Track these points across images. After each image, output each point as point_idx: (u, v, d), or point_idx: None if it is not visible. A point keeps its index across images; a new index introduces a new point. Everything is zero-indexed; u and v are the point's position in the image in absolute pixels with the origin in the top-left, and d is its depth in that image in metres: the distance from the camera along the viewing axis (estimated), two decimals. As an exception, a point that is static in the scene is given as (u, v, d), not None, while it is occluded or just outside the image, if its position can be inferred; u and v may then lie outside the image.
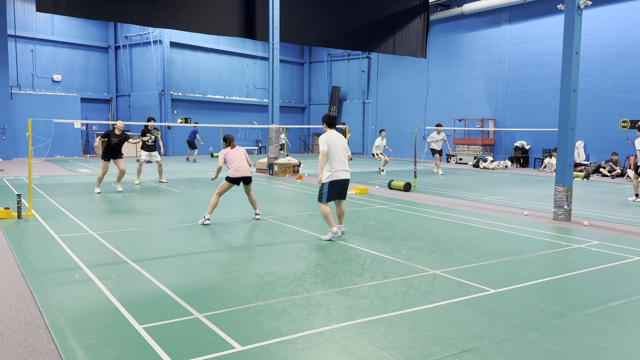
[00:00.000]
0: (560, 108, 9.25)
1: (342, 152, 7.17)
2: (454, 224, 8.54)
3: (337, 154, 7.10)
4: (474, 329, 4.03)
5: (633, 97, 18.96)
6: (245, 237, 7.50)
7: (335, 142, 7.11)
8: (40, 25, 25.60)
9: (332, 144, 7.07)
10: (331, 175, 7.08)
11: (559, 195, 9.16)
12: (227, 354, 3.52)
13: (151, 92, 27.45)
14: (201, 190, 12.73)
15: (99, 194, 11.56)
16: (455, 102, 25.34)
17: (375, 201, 11.15)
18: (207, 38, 27.85)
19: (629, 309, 4.59)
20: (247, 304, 4.52)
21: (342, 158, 7.16)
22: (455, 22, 25.12)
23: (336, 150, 7.09)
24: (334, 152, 7.07)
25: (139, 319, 4.12)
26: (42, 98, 24.74)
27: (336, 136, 7.19)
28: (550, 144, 21.28)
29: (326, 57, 32.72)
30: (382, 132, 18.31)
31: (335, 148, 7.08)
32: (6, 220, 8.27)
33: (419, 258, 6.23)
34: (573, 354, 3.64)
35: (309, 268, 5.73)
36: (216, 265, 5.86)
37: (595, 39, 19.85)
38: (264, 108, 31.00)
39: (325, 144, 7.04)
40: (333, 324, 4.08)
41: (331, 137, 7.12)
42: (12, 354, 3.53)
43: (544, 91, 21.73)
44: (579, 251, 6.82)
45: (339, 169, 7.11)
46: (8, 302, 4.55)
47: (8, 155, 22.62)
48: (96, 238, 7.13)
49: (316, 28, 18.82)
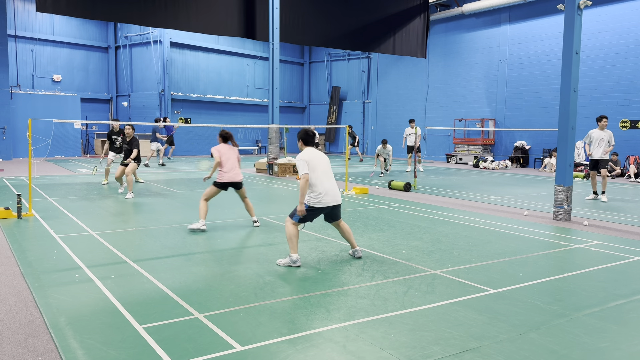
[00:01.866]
0: (560, 108, 9.25)
1: (322, 170, 5.90)
2: (454, 224, 8.54)
3: (320, 176, 5.86)
4: (474, 329, 4.03)
5: (633, 97, 18.96)
6: (245, 237, 7.50)
7: (314, 160, 5.89)
8: (40, 25, 25.59)
9: (312, 163, 5.85)
10: (313, 201, 5.83)
11: (559, 195, 9.16)
12: (227, 354, 3.52)
13: (151, 92, 27.45)
14: (201, 190, 12.73)
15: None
16: (455, 102, 25.33)
17: (375, 201, 11.14)
18: (207, 38, 27.85)
19: (629, 309, 4.59)
20: (247, 304, 4.52)
21: (324, 178, 5.89)
22: (455, 22, 25.11)
23: (318, 171, 5.86)
24: (316, 174, 5.83)
25: (139, 319, 4.12)
26: (42, 98, 24.74)
27: (316, 154, 5.97)
28: (550, 144, 21.28)
29: (326, 57, 32.72)
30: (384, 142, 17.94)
31: (314, 167, 5.84)
32: (6, 220, 8.27)
33: (419, 258, 6.23)
34: (573, 354, 3.64)
35: (309, 268, 5.73)
36: (216, 265, 5.86)
37: (595, 39, 19.85)
38: (264, 108, 31.00)
39: (304, 165, 5.79)
40: (333, 324, 4.08)
41: (310, 156, 5.90)
42: (12, 354, 3.53)
43: (544, 91, 21.73)
44: (579, 251, 6.82)
45: (324, 192, 5.85)
46: (8, 302, 4.55)
47: (8, 155, 22.62)
48: (96, 238, 7.13)
49: (316, 28, 18.82)
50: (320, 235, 7.50)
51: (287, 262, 5.82)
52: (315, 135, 6.09)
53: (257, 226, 8.17)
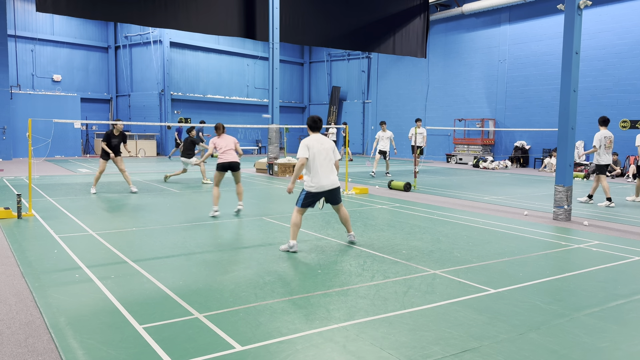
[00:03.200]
0: (560, 108, 9.25)
1: (323, 157, 6.39)
2: (454, 224, 8.54)
3: (318, 162, 6.36)
4: (474, 329, 4.03)
5: (633, 97, 18.96)
6: (245, 237, 7.50)
7: (316, 146, 6.38)
8: (40, 25, 25.60)
9: (312, 149, 6.35)
10: (311, 185, 6.41)
11: (559, 195, 9.16)
12: (227, 354, 3.52)
13: (151, 92, 27.46)
14: (201, 190, 12.73)
15: (95, 194, 11.48)
16: (455, 102, 25.34)
17: (375, 201, 11.14)
18: (207, 38, 27.85)
19: (629, 309, 4.59)
20: (247, 304, 4.52)
21: (323, 164, 6.38)
22: (455, 22, 25.12)
23: (317, 157, 6.35)
24: (312, 159, 6.35)
25: (139, 319, 4.12)
26: (42, 98, 24.74)
27: (319, 139, 6.46)
28: (550, 144, 21.28)
29: (326, 57, 32.72)
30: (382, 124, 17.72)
31: (314, 153, 6.35)
32: (6, 220, 8.27)
33: (419, 258, 6.23)
34: (573, 354, 3.63)
35: (309, 268, 5.73)
36: (216, 265, 5.86)
37: (595, 39, 19.85)
38: (264, 108, 30.99)
39: (305, 149, 6.36)
40: (333, 324, 4.08)
41: (312, 141, 6.41)
42: (12, 354, 3.53)
43: (544, 91, 21.74)
44: (579, 251, 6.82)
45: (321, 177, 6.37)
46: (8, 302, 4.55)
47: (8, 155, 22.62)
48: (96, 238, 7.13)
49: (316, 28, 18.82)
50: (320, 235, 7.50)
51: (285, 247, 6.49)
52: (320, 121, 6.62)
53: (239, 210, 9.21)
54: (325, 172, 6.40)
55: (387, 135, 16.75)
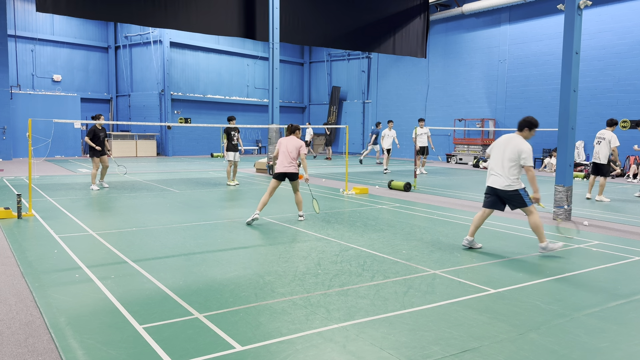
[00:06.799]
0: (560, 108, 9.25)
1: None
2: (454, 224, 8.54)
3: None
4: (474, 329, 4.03)
5: (633, 97, 18.96)
6: (245, 237, 7.49)
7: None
8: (40, 25, 25.59)
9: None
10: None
11: (559, 195, 9.16)
12: (227, 354, 3.52)
13: (151, 92, 27.45)
14: (201, 190, 12.73)
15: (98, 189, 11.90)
16: (455, 102, 25.33)
17: (375, 201, 11.14)
18: (207, 38, 27.84)
19: (629, 309, 4.59)
20: (247, 304, 4.52)
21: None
22: (455, 22, 25.11)
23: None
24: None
25: (139, 319, 4.12)
26: (42, 98, 24.74)
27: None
28: (550, 144, 21.27)
29: (326, 57, 32.71)
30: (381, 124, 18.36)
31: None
32: (6, 220, 8.27)
33: (419, 258, 6.23)
34: (573, 354, 3.63)
35: (309, 268, 5.73)
36: (216, 265, 5.86)
37: (595, 39, 19.85)
38: (264, 108, 31.00)
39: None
40: (333, 324, 4.08)
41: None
42: (12, 354, 3.53)
43: (544, 91, 21.73)
44: (579, 251, 6.82)
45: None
46: (8, 302, 4.55)
47: (8, 155, 22.62)
48: (96, 238, 7.13)
49: (316, 28, 18.82)
50: (320, 235, 7.50)
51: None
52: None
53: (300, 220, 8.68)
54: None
55: (392, 134, 17.82)
